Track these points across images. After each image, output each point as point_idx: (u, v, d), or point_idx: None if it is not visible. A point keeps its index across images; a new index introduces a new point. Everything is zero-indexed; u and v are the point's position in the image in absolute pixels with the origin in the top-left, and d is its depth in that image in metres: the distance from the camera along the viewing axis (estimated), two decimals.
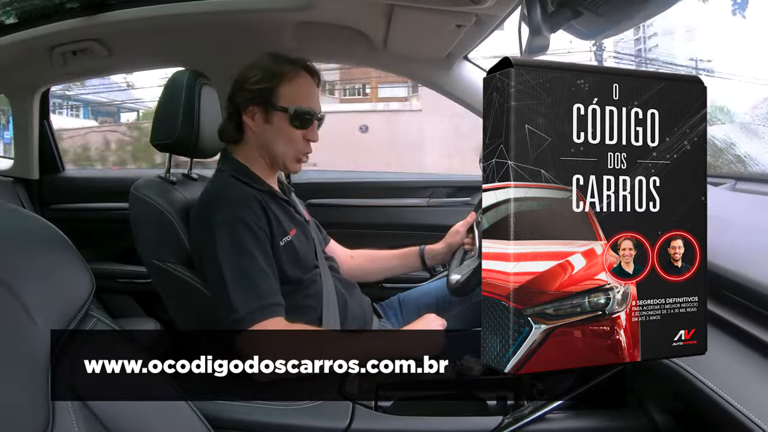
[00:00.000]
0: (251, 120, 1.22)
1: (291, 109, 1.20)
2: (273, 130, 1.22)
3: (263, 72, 1.21)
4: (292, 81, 1.21)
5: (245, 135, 1.25)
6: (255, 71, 1.21)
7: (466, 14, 1.44)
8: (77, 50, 1.82)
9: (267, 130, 1.22)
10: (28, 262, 0.65)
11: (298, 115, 1.20)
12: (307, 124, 1.22)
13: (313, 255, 1.27)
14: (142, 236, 1.27)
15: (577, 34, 1.01)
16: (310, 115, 1.21)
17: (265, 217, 1.16)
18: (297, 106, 1.20)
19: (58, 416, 0.62)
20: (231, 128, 1.25)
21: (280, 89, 1.20)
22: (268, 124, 1.22)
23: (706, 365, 0.77)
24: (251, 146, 1.25)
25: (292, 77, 1.21)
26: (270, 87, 1.20)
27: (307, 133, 1.23)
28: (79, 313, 0.67)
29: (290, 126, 1.21)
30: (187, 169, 1.47)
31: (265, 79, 1.20)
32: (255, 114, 1.22)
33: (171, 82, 1.37)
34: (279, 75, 1.21)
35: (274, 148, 1.23)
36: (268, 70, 1.21)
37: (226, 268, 1.09)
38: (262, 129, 1.22)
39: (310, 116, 1.21)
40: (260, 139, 1.24)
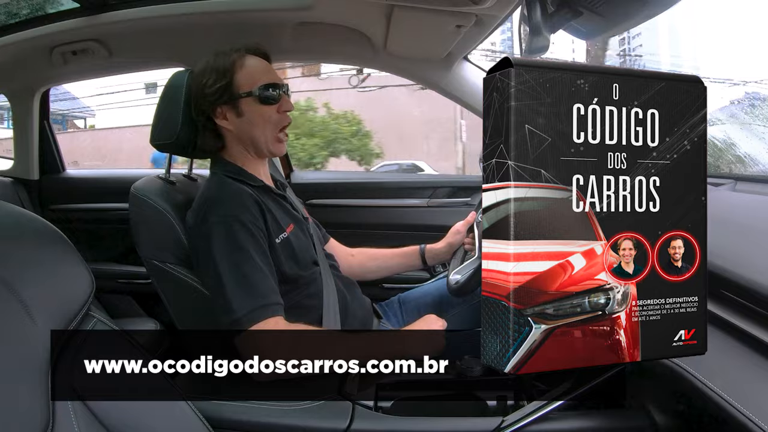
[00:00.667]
0: (224, 120, 1.23)
1: (255, 90, 1.21)
2: (248, 119, 1.23)
3: (214, 72, 1.22)
4: (244, 66, 1.23)
5: (225, 138, 1.26)
6: (206, 75, 1.23)
7: (466, 15, 1.44)
8: (77, 50, 1.82)
9: (243, 122, 1.23)
10: (28, 262, 0.65)
11: (264, 92, 1.22)
12: (276, 96, 1.23)
13: (312, 252, 1.27)
14: (142, 236, 1.27)
15: (577, 34, 1.01)
16: (275, 87, 1.23)
17: (261, 214, 1.16)
18: (259, 85, 1.22)
19: (58, 416, 0.62)
20: (210, 138, 1.26)
21: (236, 79, 1.22)
22: (242, 116, 1.23)
23: (706, 365, 0.77)
24: (234, 145, 1.26)
25: (242, 63, 1.23)
26: (227, 81, 1.21)
27: (281, 106, 1.24)
28: (79, 313, 0.67)
29: (262, 105, 1.22)
30: (187, 170, 1.47)
31: (220, 77, 1.21)
32: (225, 113, 1.23)
33: (171, 82, 1.37)
34: (229, 66, 1.22)
35: (255, 135, 1.24)
36: (218, 68, 1.22)
37: (223, 268, 1.08)
38: (237, 123, 1.23)
39: (275, 88, 1.23)
40: (240, 133, 1.24)
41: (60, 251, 0.70)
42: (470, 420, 0.99)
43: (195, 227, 1.19)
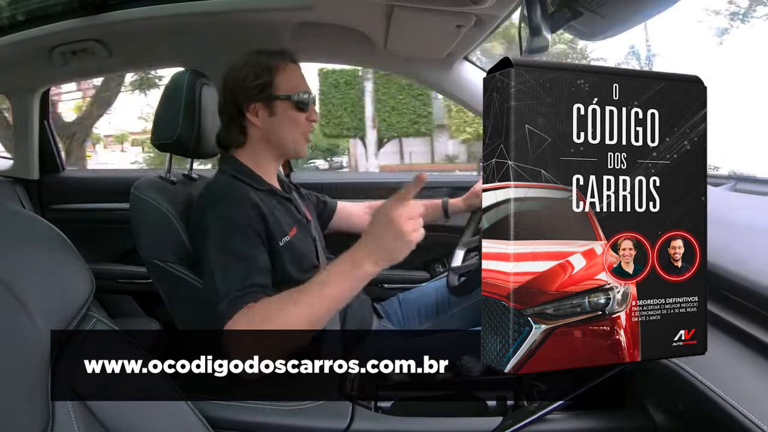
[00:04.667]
0: (255, 117, 1.25)
1: (294, 95, 1.25)
2: (278, 120, 1.25)
3: (258, 68, 1.24)
4: (286, 70, 1.26)
5: (249, 135, 1.26)
6: (248, 69, 1.25)
7: (466, 15, 1.44)
8: (77, 50, 1.82)
9: (273, 122, 1.25)
10: (28, 262, 0.65)
11: (301, 99, 1.26)
12: (307, 106, 1.27)
13: (313, 255, 1.27)
14: (143, 236, 1.27)
15: (577, 34, 1.01)
16: (308, 97, 1.27)
17: (260, 218, 1.15)
18: (298, 91, 1.25)
19: (58, 416, 0.63)
20: (234, 132, 1.27)
21: (277, 80, 1.25)
22: (274, 115, 1.25)
23: (706, 365, 0.77)
24: (255, 144, 1.27)
25: (284, 67, 1.26)
26: (269, 80, 1.24)
27: (310, 115, 1.28)
28: (79, 313, 0.67)
29: (296, 111, 1.25)
30: (188, 169, 1.47)
31: (263, 74, 1.24)
32: (258, 110, 1.24)
33: (172, 82, 1.37)
34: (274, 67, 1.25)
35: (283, 137, 1.26)
36: (262, 66, 1.25)
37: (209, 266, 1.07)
38: (267, 122, 1.25)
39: (309, 98, 1.27)
40: (266, 133, 1.26)
41: (60, 251, 0.70)
42: (470, 420, 0.99)
43: (194, 223, 1.19)
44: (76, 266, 0.70)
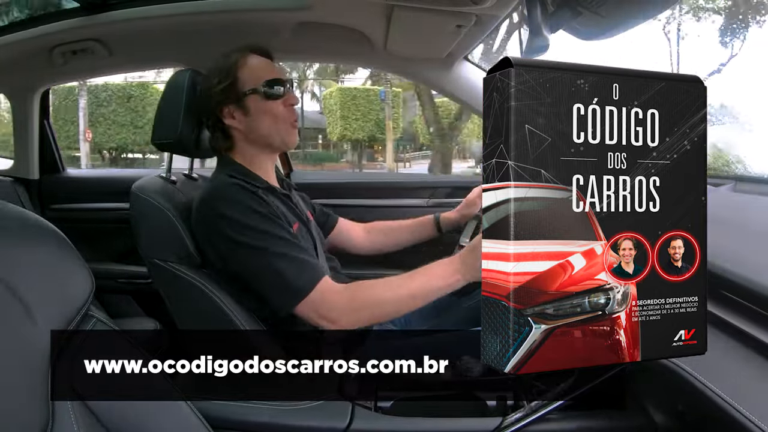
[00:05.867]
0: (232, 119, 1.25)
1: (259, 87, 1.23)
2: (255, 116, 1.25)
3: (220, 72, 1.25)
4: (246, 64, 1.25)
5: (234, 138, 1.27)
6: (212, 76, 1.26)
7: (466, 14, 1.45)
8: (77, 50, 1.82)
9: (251, 120, 1.25)
10: (28, 262, 0.65)
11: (268, 88, 1.24)
12: (280, 91, 1.25)
13: (314, 254, 1.27)
14: (143, 235, 1.27)
15: (577, 34, 1.01)
16: (279, 83, 1.25)
17: (268, 206, 1.17)
18: (262, 81, 1.24)
19: (58, 416, 0.62)
20: (220, 138, 1.28)
21: (239, 77, 1.24)
22: (249, 114, 1.24)
23: (706, 365, 0.77)
24: (243, 144, 1.27)
25: (244, 62, 1.25)
26: (231, 81, 1.24)
27: (286, 100, 1.26)
28: (78, 313, 0.67)
29: (267, 101, 1.24)
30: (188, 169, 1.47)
31: (225, 76, 1.24)
32: (232, 112, 1.25)
33: (172, 82, 1.37)
34: (233, 66, 1.25)
35: (265, 131, 1.25)
36: (223, 68, 1.25)
37: (256, 257, 1.10)
38: (246, 122, 1.25)
39: (279, 83, 1.25)
40: (249, 131, 1.26)
41: (60, 251, 0.70)
42: (470, 420, 0.99)
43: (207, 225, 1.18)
44: (76, 266, 0.70)
